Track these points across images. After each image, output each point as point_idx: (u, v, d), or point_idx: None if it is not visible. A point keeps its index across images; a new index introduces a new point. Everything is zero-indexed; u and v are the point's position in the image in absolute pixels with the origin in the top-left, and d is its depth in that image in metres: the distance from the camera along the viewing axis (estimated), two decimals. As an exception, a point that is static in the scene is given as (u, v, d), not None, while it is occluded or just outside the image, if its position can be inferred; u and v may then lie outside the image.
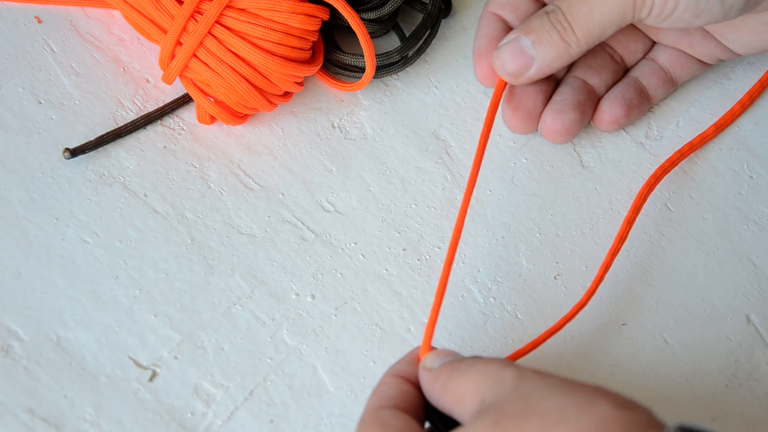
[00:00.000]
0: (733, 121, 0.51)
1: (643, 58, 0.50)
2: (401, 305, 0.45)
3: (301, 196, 0.47)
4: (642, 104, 0.49)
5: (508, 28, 0.47)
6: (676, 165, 0.49)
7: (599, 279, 0.45)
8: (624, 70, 0.50)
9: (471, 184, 0.43)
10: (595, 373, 0.44)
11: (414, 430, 0.35)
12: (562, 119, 0.47)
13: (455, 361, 0.37)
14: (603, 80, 0.49)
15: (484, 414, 0.33)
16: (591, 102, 0.48)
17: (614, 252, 0.46)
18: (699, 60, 0.50)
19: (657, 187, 0.49)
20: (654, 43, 0.50)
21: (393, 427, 0.35)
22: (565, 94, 0.47)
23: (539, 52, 0.44)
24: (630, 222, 0.46)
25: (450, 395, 0.35)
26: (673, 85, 0.50)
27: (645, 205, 0.48)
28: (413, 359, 0.39)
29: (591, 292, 0.44)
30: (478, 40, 0.47)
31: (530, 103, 0.47)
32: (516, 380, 0.34)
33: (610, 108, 0.48)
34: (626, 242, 0.47)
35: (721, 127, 0.50)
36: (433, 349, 0.39)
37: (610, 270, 0.46)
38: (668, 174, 0.49)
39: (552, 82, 0.48)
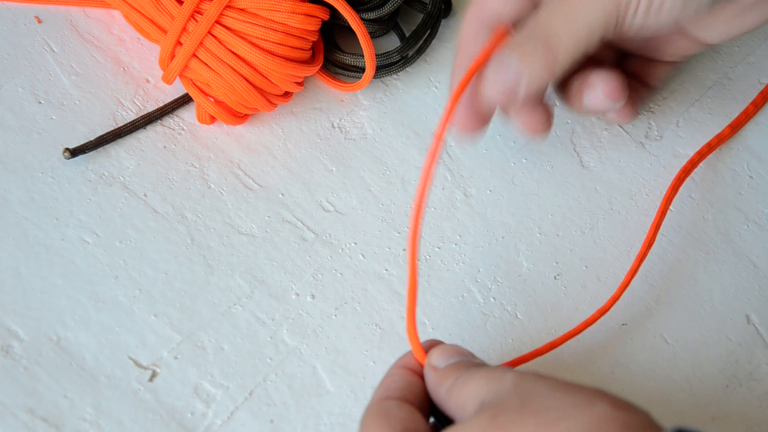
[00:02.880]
0: (747, 120, 0.51)
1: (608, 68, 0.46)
2: (401, 305, 0.45)
3: (301, 196, 0.47)
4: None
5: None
6: (697, 166, 0.49)
7: (625, 285, 0.45)
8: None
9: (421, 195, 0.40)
10: (595, 373, 0.44)
11: (417, 422, 0.36)
12: (610, 78, 0.43)
13: (461, 365, 0.37)
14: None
15: (482, 411, 0.33)
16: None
17: (641, 257, 0.45)
18: (667, 62, 0.48)
19: (656, 187, 0.49)
20: (619, 55, 0.48)
21: (396, 417, 0.35)
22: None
23: (526, 67, 0.40)
24: (657, 226, 0.46)
25: (453, 401, 0.36)
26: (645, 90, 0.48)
27: (645, 205, 0.48)
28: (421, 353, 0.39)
29: (615, 299, 0.44)
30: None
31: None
32: (515, 381, 0.34)
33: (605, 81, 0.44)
34: (626, 242, 0.47)
35: (736, 127, 0.50)
36: (439, 343, 0.39)
37: (610, 270, 0.46)
38: (674, 173, 0.49)
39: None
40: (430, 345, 0.39)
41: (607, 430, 0.31)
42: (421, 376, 0.38)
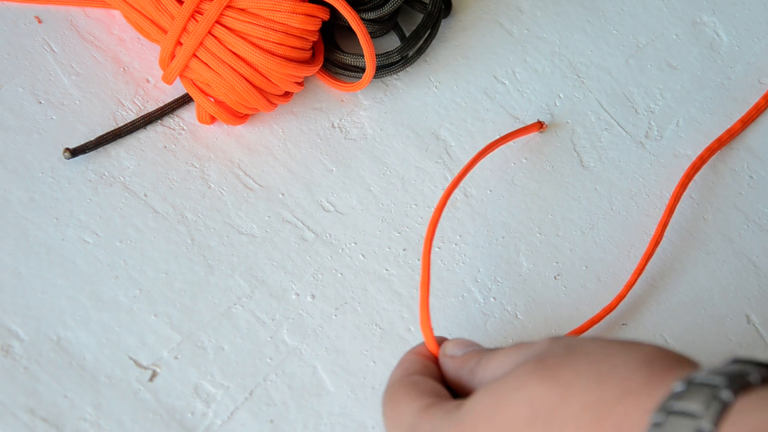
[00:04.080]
0: (758, 115, 0.51)
1: None
2: (401, 305, 0.45)
3: (301, 196, 0.47)
4: None
5: None
6: (706, 162, 0.49)
7: (631, 283, 0.45)
8: None
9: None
10: (595, 373, 0.44)
11: (444, 393, 0.35)
12: None
13: (480, 350, 0.37)
14: None
15: (525, 362, 0.32)
16: None
17: (648, 256, 0.46)
18: None
19: (657, 187, 0.49)
20: None
21: (425, 386, 0.35)
22: None
23: None
24: (664, 225, 0.46)
25: (479, 377, 0.35)
26: None
27: (645, 205, 0.48)
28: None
29: (621, 297, 0.44)
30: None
31: None
32: (552, 339, 0.33)
33: None
34: (626, 242, 0.47)
35: (747, 121, 0.50)
36: (446, 339, 0.39)
37: (610, 270, 0.46)
38: (675, 173, 0.49)
39: None
40: (440, 341, 0.39)
41: (661, 361, 0.30)
42: (436, 362, 0.38)
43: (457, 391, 0.37)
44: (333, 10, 0.47)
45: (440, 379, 0.37)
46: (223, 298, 0.44)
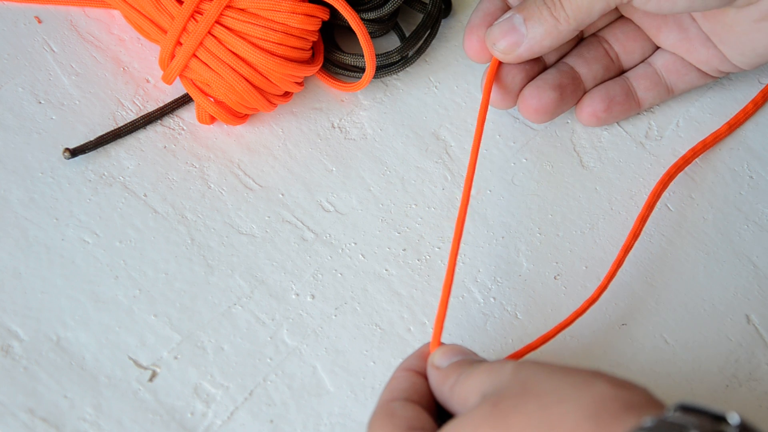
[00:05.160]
0: (747, 119, 0.51)
1: (641, 61, 0.50)
2: (401, 305, 0.45)
3: (301, 196, 0.47)
4: (627, 104, 0.49)
5: (508, 7, 0.47)
6: (690, 162, 0.49)
7: (611, 275, 0.45)
8: (619, 70, 0.49)
9: (471, 170, 0.43)
10: (595, 373, 0.44)
11: (423, 420, 0.36)
12: (540, 96, 0.47)
13: (463, 363, 0.37)
14: (592, 72, 0.48)
15: (484, 401, 0.33)
16: (574, 88, 0.48)
17: (627, 248, 0.46)
18: (698, 69, 0.49)
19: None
20: (656, 48, 0.50)
21: (401, 417, 0.36)
22: (548, 75, 0.47)
23: (529, 29, 0.44)
24: (643, 220, 0.46)
25: (456, 397, 0.36)
26: (667, 92, 0.49)
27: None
28: (424, 354, 0.39)
29: (603, 287, 0.44)
30: (474, 14, 0.47)
31: (510, 79, 0.47)
32: (514, 369, 0.34)
33: (590, 101, 0.48)
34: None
35: (734, 125, 0.50)
36: (441, 344, 0.39)
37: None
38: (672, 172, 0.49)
39: (539, 65, 0.48)
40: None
41: (608, 409, 0.31)
42: (425, 377, 0.38)
43: (441, 405, 0.37)
44: (333, 10, 0.47)
45: (425, 399, 0.38)
46: (223, 298, 0.44)
